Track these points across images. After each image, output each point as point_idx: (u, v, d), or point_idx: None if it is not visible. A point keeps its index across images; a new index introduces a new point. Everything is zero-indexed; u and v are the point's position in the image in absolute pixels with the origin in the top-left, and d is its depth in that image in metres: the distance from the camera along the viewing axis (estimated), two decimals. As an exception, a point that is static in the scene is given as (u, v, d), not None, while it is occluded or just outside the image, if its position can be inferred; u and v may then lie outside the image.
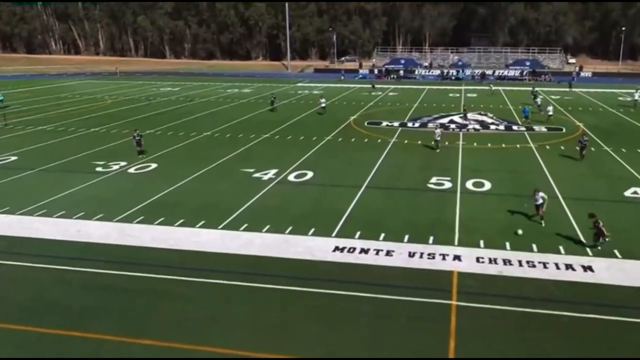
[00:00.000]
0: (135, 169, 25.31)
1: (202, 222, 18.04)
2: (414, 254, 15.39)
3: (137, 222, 18.18)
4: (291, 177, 23.59)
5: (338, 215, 18.50)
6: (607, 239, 15.43)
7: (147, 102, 50.49)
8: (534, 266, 14.54)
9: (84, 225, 17.94)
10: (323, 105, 42.26)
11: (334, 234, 16.89)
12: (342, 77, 77.12)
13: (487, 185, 22.01)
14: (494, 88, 59.50)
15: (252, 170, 24.67)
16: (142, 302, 13.01)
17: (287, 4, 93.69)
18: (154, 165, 25.98)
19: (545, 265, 14.60)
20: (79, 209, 19.45)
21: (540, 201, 17.44)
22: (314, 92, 58.43)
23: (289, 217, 18.54)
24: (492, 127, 35.98)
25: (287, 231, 17.18)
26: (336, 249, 15.80)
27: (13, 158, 27.83)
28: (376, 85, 63.33)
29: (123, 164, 26.18)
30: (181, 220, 18.20)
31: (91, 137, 33.61)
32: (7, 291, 13.68)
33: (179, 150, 29.67)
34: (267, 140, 32.12)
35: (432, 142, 29.17)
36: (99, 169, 25.34)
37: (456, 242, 16.18)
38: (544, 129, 35.01)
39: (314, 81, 72.30)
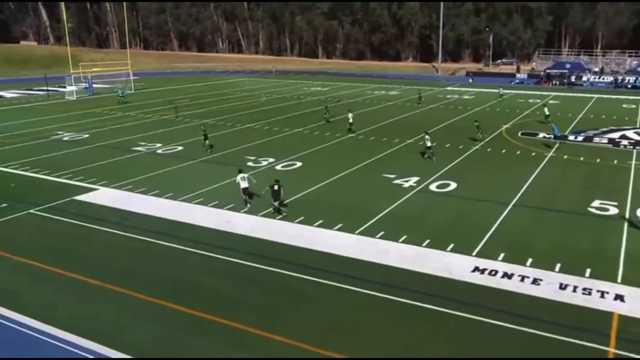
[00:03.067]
0: (282, 166, 26.69)
1: (340, 224, 18.39)
2: (565, 286, 13.99)
3: (280, 219, 19.15)
4: (433, 187, 22.99)
5: (481, 233, 17.57)
6: None
7: (298, 101, 52.98)
8: None
9: (232, 217, 19.40)
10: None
11: (474, 253, 16.07)
12: (471, 81, 74.05)
13: (663, 215, 19.20)
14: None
15: (393, 176, 24.54)
16: (277, 298, 13.65)
17: (442, 3, 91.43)
18: (299, 164, 27.15)
19: None
20: (230, 200, 21.06)
21: None
22: (465, 97, 56.27)
23: (428, 229, 18.10)
24: (675, 146, 31.29)
25: (425, 244, 16.76)
26: (476, 269, 15.01)
27: (180, 148, 31.11)
28: (503, 92, 55.52)
29: (271, 160, 27.78)
30: (320, 221, 18.75)
31: (246, 132, 36.21)
32: (163, 270, 15.31)
33: (324, 150, 30.63)
34: (411, 145, 31.70)
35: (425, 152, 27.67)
36: (250, 163, 27.20)
37: (619, 279, 14.36)
38: None
39: (465, 85, 69.64)
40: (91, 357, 11.24)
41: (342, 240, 17.19)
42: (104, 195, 22.14)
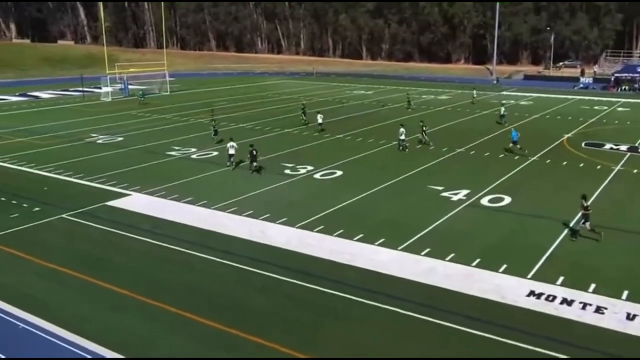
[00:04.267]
0: (321, 175, 26.80)
1: (382, 239, 18.28)
2: (634, 316, 13.41)
3: (317, 231, 19.21)
4: (485, 201, 22.56)
5: (538, 253, 17.10)
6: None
7: (340, 105, 53.14)
8: None
9: (267, 228, 19.59)
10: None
11: (530, 275, 15.65)
12: (496, 83, 73.75)
13: None
14: None
15: (441, 188, 24.24)
16: (312, 317, 13.68)
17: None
18: (339, 173, 27.19)
19: None
20: (265, 210, 21.29)
21: None
22: (522, 103, 55.08)
23: (478, 247, 17.77)
24: None
25: (475, 263, 16.45)
26: (531, 293, 14.59)
27: (215, 153, 31.70)
28: (604, 98, 54.11)
29: (310, 168, 27.93)
30: (361, 235, 18.70)
31: (284, 138, 36.58)
32: (195, 282, 15.59)
33: (366, 158, 30.57)
34: (461, 155, 31.26)
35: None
36: (287, 171, 27.43)
37: (696, 311, 13.67)
38: None
39: (522, 89, 68.16)
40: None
41: (384, 256, 17.07)
42: (137, 202, 22.78)
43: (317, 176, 26.72)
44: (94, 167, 28.19)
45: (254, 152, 26.71)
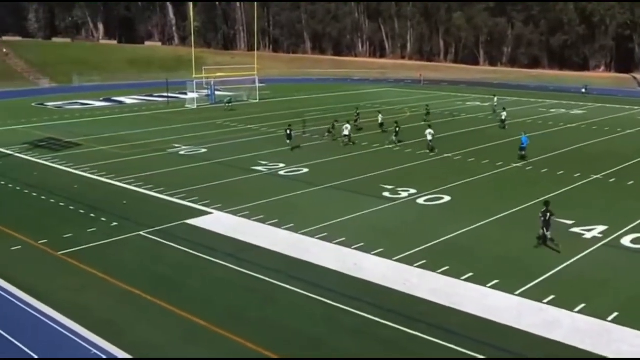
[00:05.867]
0: (425, 200, 26.50)
1: (495, 281, 17.73)
2: None
3: (418, 266, 18.97)
4: (626, 241, 21.27)
5: (695, 311, 15.78)
6: None
7: (451, 118, 52.40)
8: None
9: (361, 259, 19.63)
10: None
11: (683, 338, 14.46)
12: (584, 92, 70.87)
13: None
14: None
15: (570, 222, 23.12)
16: (411, 368, 13.45)
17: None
18: (447, 198, 26.73)
19: None
20: (359, 238, 21.36)
21: None
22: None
23: (617, 297, 16.80)
24: None
25: (611, 318, 15.50)
26: (685, 361, 13.46)
27: (305, 170, 32.38)
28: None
29: (413, 191, 27.71)
30: (469, 274, 18.26)
31: (383, 155, 36.62)
32: (277, 316, 15.90)
33: (479, 182, 29.86)
34: (597, 182, 29.71)
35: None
36: (386, 193, 27.39)
37: None
38: None
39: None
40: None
41: (498, 301, 16.53)
42: (218, 221, 23.71)
43: (421, 201, 26.45)
44: (174, 181, 29.74)
45: (289, 131, 36.48)
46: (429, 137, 36.81)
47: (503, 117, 46.37)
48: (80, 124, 49.42)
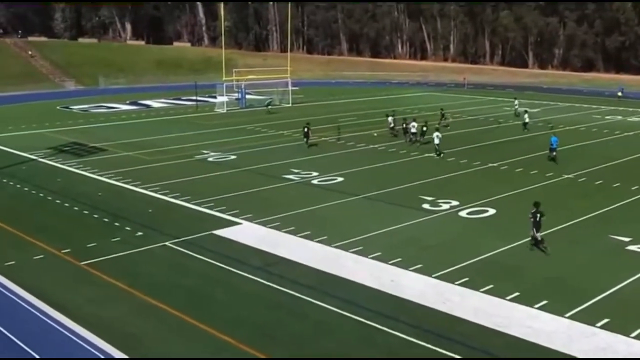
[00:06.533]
0: (468, 213, 26.27)
1: (544, 302, 17.46)
2: None
3: (460, 284, 18.79)
4: (689, 261, 20.68)
5: None
6: None
7: (496, 125, 51.87)
8: None
9: (398, 275, 19.53)
10: None
11: None
12: (620, 95, 72.24)
13: None
14: None
15: (627, 239, 22.63)
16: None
17: None
18: (491, 211, 26.46)
19: None
20: (396, 252, 21.27)
21: None
22: None
23: (678, 323, 16.27)
24: None
25: (671, 345, 15.08)
26: None
27: (339, 179, 32.43)
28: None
29: (454, 203, 27.49)
30: (515, 294, 18.01)
31: (423, 164, 36.48)
32: (308, 334, 15.93)
33: (527, 194, 29.37)
34: (657, 196, 29.05)
35: None
36: (425, 205, 27.24)
37: None
38: None
39: None
40: None
41: (546, 324, 16.24)
42: (247, 232, 23.90)
43: (463, 214, 26.22)
44: (201, 189, 30.11)
45: (306, 129, 39.80)
46: (437, 141, 37.92)
47: (526, 120, 48.05)
48: (106, 128, 50.54)
